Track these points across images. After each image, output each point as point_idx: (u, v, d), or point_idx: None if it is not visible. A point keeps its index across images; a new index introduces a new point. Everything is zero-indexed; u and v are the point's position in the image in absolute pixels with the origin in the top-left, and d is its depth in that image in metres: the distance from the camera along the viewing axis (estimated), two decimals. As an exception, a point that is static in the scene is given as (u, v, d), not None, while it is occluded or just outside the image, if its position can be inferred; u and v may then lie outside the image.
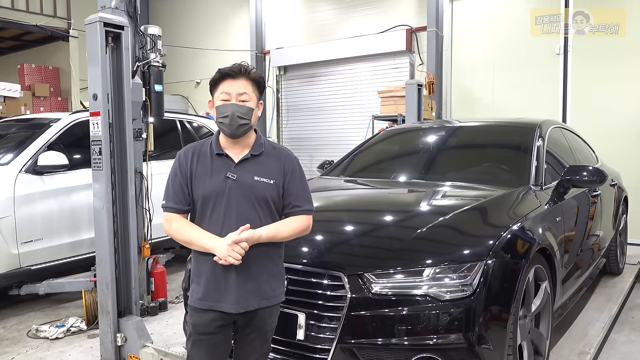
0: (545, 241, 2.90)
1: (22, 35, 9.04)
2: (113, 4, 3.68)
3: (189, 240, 2.06)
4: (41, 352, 3.76)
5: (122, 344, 3.41)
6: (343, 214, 3.28)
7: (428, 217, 2.91)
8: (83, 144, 4.07)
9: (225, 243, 1.96)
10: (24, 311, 4.65)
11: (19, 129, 5.05)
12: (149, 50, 4.05)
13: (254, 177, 2.07)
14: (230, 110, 2.02)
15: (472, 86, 8.66)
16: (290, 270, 2.48)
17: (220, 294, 2.05)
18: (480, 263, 2.43)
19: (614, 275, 5.10)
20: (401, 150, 4.55)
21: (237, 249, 1.95)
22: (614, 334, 3.90)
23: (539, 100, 7.98)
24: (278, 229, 2.07)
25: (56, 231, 4.47)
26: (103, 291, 3.41)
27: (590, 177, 3.49)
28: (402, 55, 9.23)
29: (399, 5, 9.36)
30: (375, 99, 8.64)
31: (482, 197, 3.15)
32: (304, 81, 10.61)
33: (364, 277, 2.43)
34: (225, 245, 1.95)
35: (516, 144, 3.93)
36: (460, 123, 4.57)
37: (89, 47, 3.28)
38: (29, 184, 4.32)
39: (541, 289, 2.90)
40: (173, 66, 10.68)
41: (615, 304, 4.27)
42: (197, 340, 2.10)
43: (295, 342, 2.50)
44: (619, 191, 5.16)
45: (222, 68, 2.09)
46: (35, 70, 8.87)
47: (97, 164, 3.33)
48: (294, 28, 10.74)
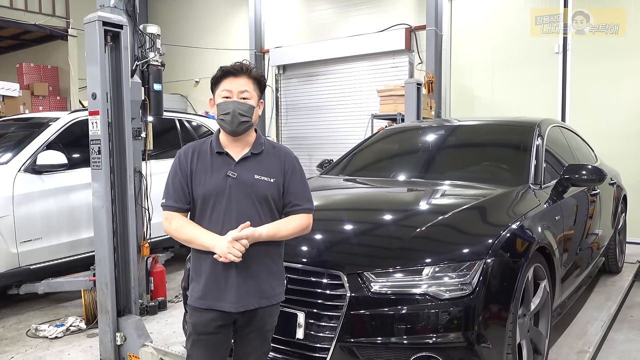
0: (544, 240, 2.90)
1: (20, 34, 9.03)
2: (112, 3, 3.67)
3: (189, 238, 2.06)
4: (40, 351, 3.76)
5: (121, 343, 3.41)
6: (342, 213, 3.28)
7: (427, 216, 2.91)
8: (82, 143, 4.06)
9: (226, 240, 1.95)
10: (23, 310, 4.65)
11: (17, 128, 5.05)
12: (148, 49, 4.04)
13: (254, 175, 2.07)
14: (232, 108, 2.02)
15: (471, 85, 8.66)
16: (290, 270, 2.48)
17: (220, 293, 2.04)
18: (479, 262, 2.44)
19: (613, 274, 5.11)
20: (400, 149, 4.55)
21: (237, 246, 1.94)
22: (613, 332, 3.91)
23: (538, 99, 7.98)
24: (278, 227, 2.07)
25: (55, 230, 4.47)
26: (102, 290, 3.41)
27: (589, 176, 3.50)
28: (401, 54, 9.23)
29: (398, 4, 9.35)
30: (374, 98, 8.64)
31: (481, 196, 3.15)
32: (303, 80, 10.60)
33: (364, 276, 2.44)
34: (226, 242, 1.95)
35: (515, 142, 3.93)
36: (459, 122, 4.57)
37: (88, 46, 3.27)
38: (28, 183, 4.31)
39: (540, 288, 2.90)
40: (172, 65, 10.64)
41: (614, 303, 4.28)
42: (197, 340, 2.10)
43: (294, 341, 2.50)
44: (618, 190, 5.16)
45: (224, 66, 2.09)
46: (34, 70, 8.86)
47: (96, 163, 3.33)
48: (293, 27, 10.73)
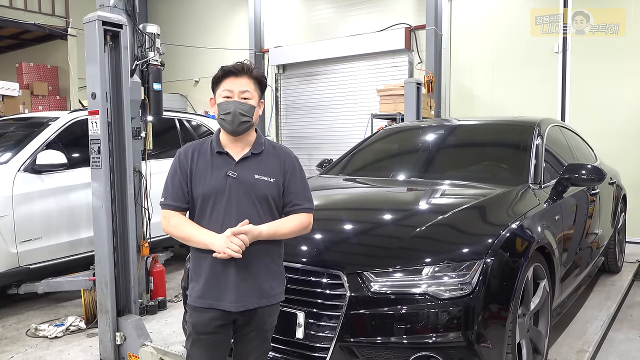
0: (544, 239, 2.90)
1: (20, 33, 9.04)
2: (112, 2, 3.66)
3: (187, 236, 2.06)
4: (40, 351, 3.76)
5: (121, 342, 3.41)
6: (342, 213, 3.28)
7: (427, 216, 2.91)
8: (82, 142, 4.06)
9: (224, 236, 1.95)
10: (23, 310, 4.64)
11: (17, 128, 5.04)
12: (147, 48, 4.04)
13: (254, 175, 2.07)
14: (233, 108, 2.02)
15: (471, 85, 8.66)
16: (290, 269, 2.48)
17: (220, 292, 2.04)
18: (479, 261, 2.44)
19: (612, 273, 5.11)
20: (400, 149, 4.55)
21: (235, 241, 1.93)
22: (612, 332, 3.91)
23: (537, 99, 7.98)
24: (278, 226, 2.07)
25: (55, 230, 4.47)
26: (102, 290, 3.41)
27: (588, 175, 3.50)
28: (401, 53, 9.23)
29: (398, 4, 9.35)
30: (374, 97, 8.64)
31: (481, 195, 3.15)
32: (303, 80, 10.60)
33: (363, 276, 2.43)
34: (224, 237, 1.95)
35: (515, 142, 3.93)
36: (459, 121, 4.57)
37: (88, 45, 3.27)
38: (27, 183, 4.31)
39: (540, 287, 2.90)
40: (172, 65, 10.64)
41: (614, 302, 4.28)
42: (197, 339, 2.10)
43: (294, 341, 2.50)
44: (617, 189, 5.16)
45: (225, 66, 2.09)
46: (34, 69, 8.86)
47: (96, 163, 3.33)
48: (292, 26, 10.73)
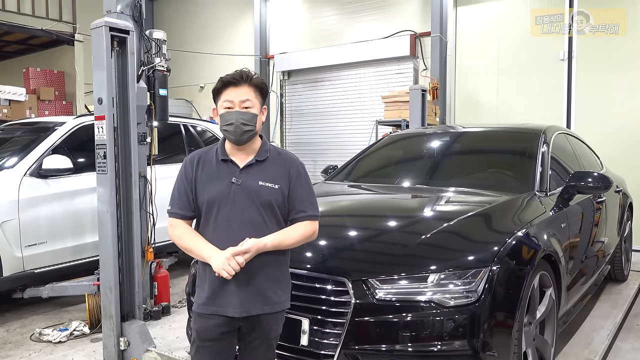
0: (550, 247, 2.89)
1: (27, 39, 9.10)
2: (119, 8, 3.70)
3: (189, 248, 2.07)
4: (44, 355, 3.76)
5: (125, 348, 3.41)
6: (347, 220, 3.27)
7: (432, 223, 2.90)
8: (88, 147, 4.08)
9: (223, 256, 1.95)
10: (27, 314, 4.65)
11: (23, 133, 5.07)
12: (153, 54, 4.07)
13: (259, 182, 2.06)
14: (234, 118, 2.02)
15: (476, 91, 8.66)
16: (294, 276, 2.46)
17: (224, 299, 2.04)
18: (485, 269, 2.43)
19: (619, 282, 5.08)
20: (405, 156, 4.54)
21: (232, 263, 1.94)
22: (619, 341, 3.87)
23: (543, 106, 7.96)
24: (283, 236, 2.07)
25: (60, 234, 4.47)
26: (106, 295, 3.41)
27: (595, 183, 3.47)
28: (406, 60, 9.24)
29: (403, 11, 9.37)
30: (379, 104, 8.64)
31: (486, 203, 3.14)
32: (308, 86, 10.62)
33: (368, 283, 2.43)
34: (222, 257, 1.95)
35: (521, 149, 3.92)
36: (464, 128, 4.56)
37: (95, 51, 3.29)
38: (33, 187, 4.32)
39: (546, 296, 2.88)
40: (177, 70, 10.72)
41: (620, 311, 4.25)
42: (201, 346, 2.10)
43: (299, 348, 2.49)
44: (624, 197, 5.13)
45: (224, 76, 2.08)
46: (41, 74, 8.91)
47: (102, 168, 3.34)
48: (298, 33, 10.76)
